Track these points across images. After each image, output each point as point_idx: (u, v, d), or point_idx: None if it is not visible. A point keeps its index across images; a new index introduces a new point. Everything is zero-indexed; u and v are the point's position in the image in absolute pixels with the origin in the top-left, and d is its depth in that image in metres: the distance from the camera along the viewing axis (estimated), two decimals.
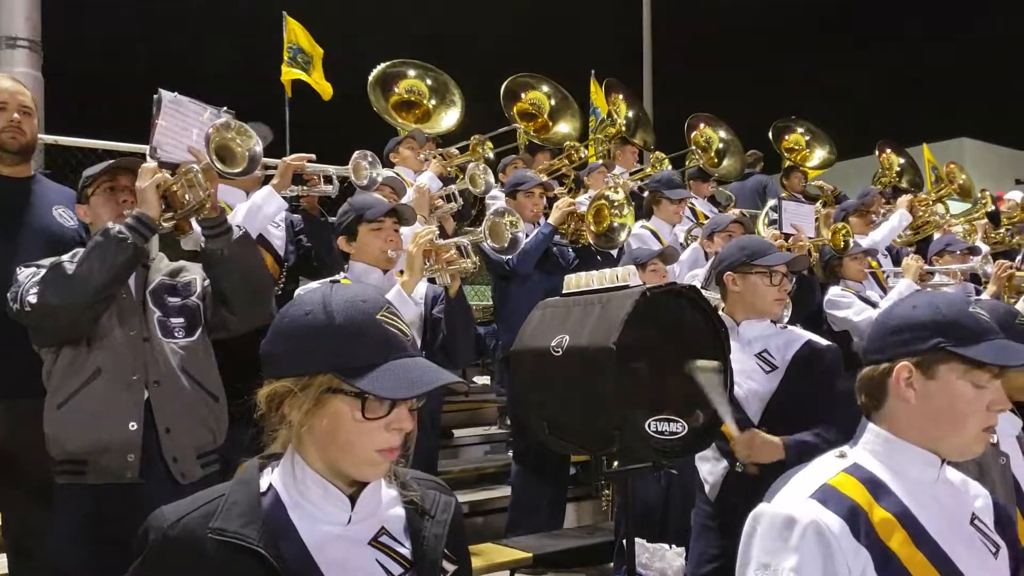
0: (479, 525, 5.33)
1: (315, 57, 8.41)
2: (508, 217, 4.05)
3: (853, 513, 1.61)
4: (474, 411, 6.85)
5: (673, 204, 6.08)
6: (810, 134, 9.41)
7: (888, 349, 1.75)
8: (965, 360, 1.69)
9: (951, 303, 1.78)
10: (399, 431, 1.47)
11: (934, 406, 1.70)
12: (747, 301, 3.30)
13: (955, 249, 6.08)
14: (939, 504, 1.70)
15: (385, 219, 3.69)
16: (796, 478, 1.72)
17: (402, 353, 1.47)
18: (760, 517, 1.67)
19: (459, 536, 1.65)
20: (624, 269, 3.16)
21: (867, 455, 1.74)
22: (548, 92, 7.54)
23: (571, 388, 2.98)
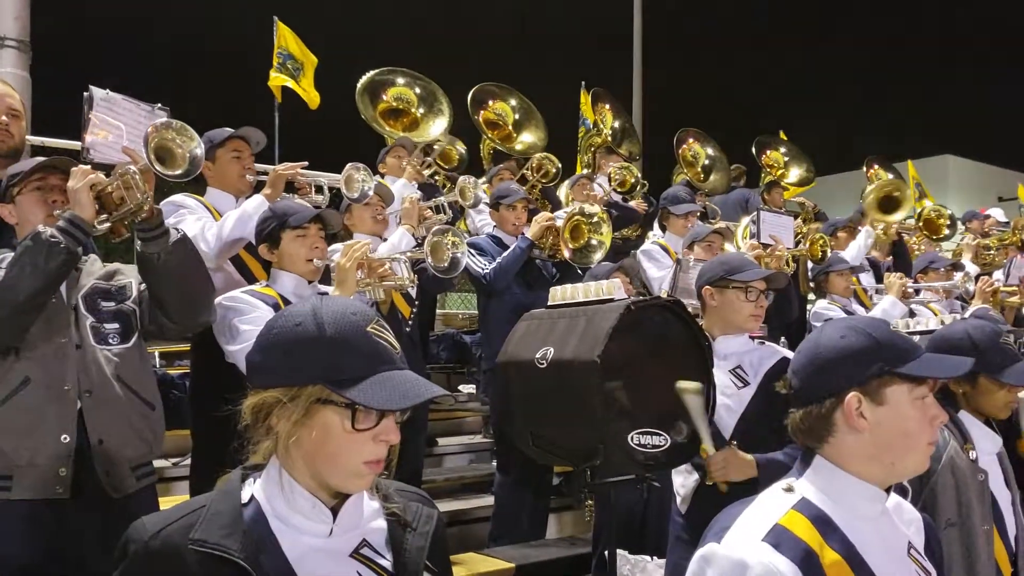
0: (461, 534, 5.31)
1: (307, 65, 8.42)
2: (451, 237, 3.98)
3: (806, 558, 1.57)
4: (458, 420, 6.84)
5: (680, 219, 6.22)
6: (790, 154, 9.51)
7: (829, 384, 1.70)
8: (909, 379, 1.69)
9: (876, 325, 1.77)
10: (385, 443, 1.48)
11: (887, 431, 1.67)
12: (724, 316, 3.32)
13: (939, 266, 6.15)
14: (882, 539, 1.69)
15: (310, 225, 3.54)
16: (745, 515, 1.67)
17: (391, 365, 1.48)
18: (708, 559, 1.63)
19: (441, 548, 1.65)
20: (610, 282, 3.17)
21: (813, 489, 1.70)
22: (513, 103, 7.53)
23: (555, 400, 2.98)
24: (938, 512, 2.56)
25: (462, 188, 5.03)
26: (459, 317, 8.06)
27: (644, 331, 3.04)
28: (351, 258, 3.52)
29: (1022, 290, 5.80)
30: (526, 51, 23.84)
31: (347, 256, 3.53)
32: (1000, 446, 2.76)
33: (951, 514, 2.56)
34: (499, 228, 5.39)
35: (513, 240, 5.24)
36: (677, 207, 6.22)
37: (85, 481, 2.71)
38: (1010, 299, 5.70)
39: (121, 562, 1.46)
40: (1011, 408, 2.71)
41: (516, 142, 7.43)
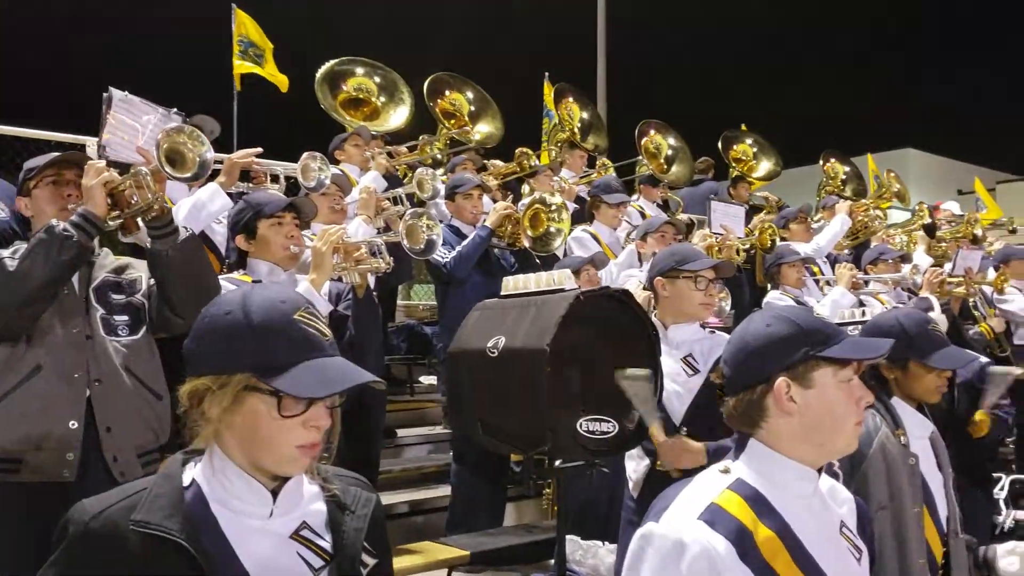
0: (420, 524, 5.36)
1: (266, 51, 8.37)
2: (426, 220, 4.04)
3: (739, 534, 1.62)
4: (418, 411, 6.87)
5: (612, 208, 6.24)
6: (758, 145, 9.60)
7: (759, 370, 1.76)
8: (834, 362, 1.75)
9: (799, 312, 1.84)
10: (317, 428, 1.51)
11: (815, 413, 1.73)
12: (675, 305, 3.39)
13: (888, 258, 6.29)
14: (814, 517, 1.75)
15: (285, 213, 3.62)
16: (683, 495, 1.72)
17: (320, 353, 1.51)
18: (648, 538, 1.67)
19: (379, 531, 1.69)
20: (560, 272, 3.23)
21: (748, 470, 1.75)
22: (469, 93, 7.55)
23: (505, 388, 3.03)
24: (870, 495, 2.62)
25: (420, 180, 5.05)
26: (419, 308, 8.07)
27: (593, 320, 3.10)
28: (327, 242, 3.58)
29: (967, 280, 5.96)
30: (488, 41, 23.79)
31: (323, 240, 3.59)
32: (930, 431, 2.85)
33: (883, 497, 2.64)
34: (456, 218, 5.42)
35: (471, 229, 5.28)
36: (610, 196, 6.24)
37: (92, 466, 2.81)
38: (956, 290, 5.86)
39: (60, 543, 1.48)
40: (941, 392, 2.80)
41: (474, 132, 7.45)
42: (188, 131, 3.41)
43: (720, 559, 1.59)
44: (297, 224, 3.66)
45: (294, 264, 3.65)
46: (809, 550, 1.69)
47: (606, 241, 6.13)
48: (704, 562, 1.59)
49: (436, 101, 7.44)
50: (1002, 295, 6.51)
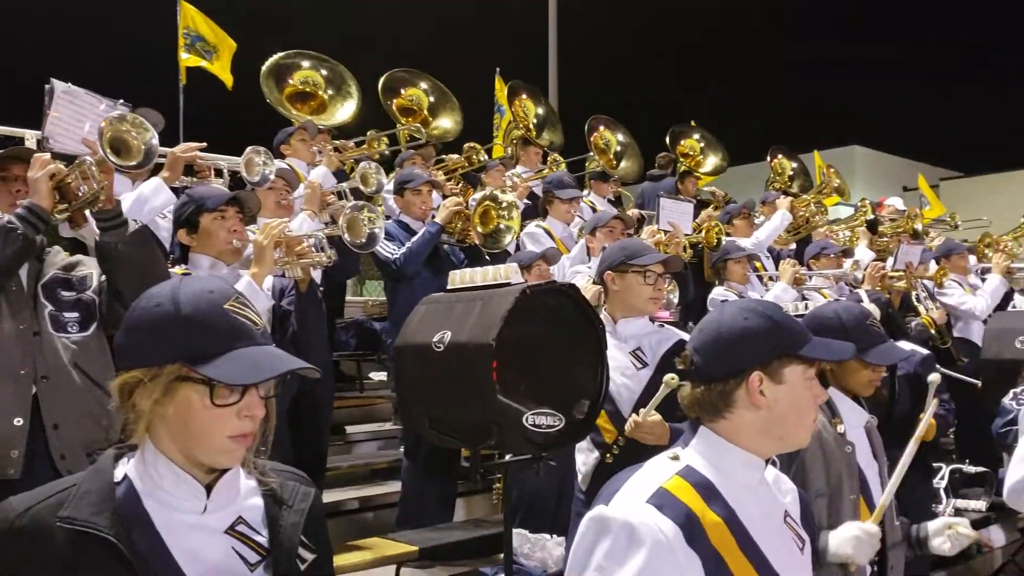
0: (369, 520, 5.34)
1: (224, 49, 8.26)
2: (367, 212, 4.01)
3: (688, 519, 1.64)
4: (368, 407, 6.84)
5: (564, 204, 6.28)
6: (705, 141, 9.71)
7: (733, 362, 1.77)
8: (804, 360, 1.79)
9: (774, 308, 1.87)
10: (251, 418, 1.51)
11: (782, 408, 1.77)
12: (624, 299, 3.42)
13: (830, 252, 6.42)
14: (760, 506, 1.78)
15: (228, 207, 3.59)
16: (632, 480, 1.75)
17: (251, 342, 1.51)
18: (597, 520, 1.68)
19: (318, 525, 1.68)
20: (507, 266, 3.24)
21: (698, 457, 1.78)
22: (426, 88, 7.52)
23: (451, 383, 3.04)
24: (808, 483, 2.68)
25: (363, 174, 5.02)
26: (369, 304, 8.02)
27: (540, 314, 3.11)
28: (268, 236, 3.55)
29: (907, 275, 6.11)
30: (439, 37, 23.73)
31: (264, 234, 3.56)
32: (867, 420, 2.91)
33: (820, 485, 2.70)
34: (405, 213, 5.39)
35: (420, 225, 5.25)
36: (562, 192, 6.28)
37: (38, 464, 2.78)
38: (897, 283, 6.01)
39: None
40: (875, 386, 2.86)
41: (432, 127, 7.43)
42: (131, 119, 3.39)
43: (668, 543, 1.61)
44: (240, 218, 3.63)
45: (237, 258, 3.62)
46: (755, 538, 1.72)
47: (559, 236, 6.18)
48: (650, 543, 1.60)
49: (392, 99, 7.40)
50: (942, 289, 6.68)
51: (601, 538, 1.66)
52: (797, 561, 1.83)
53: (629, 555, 1.61)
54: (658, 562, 1.60)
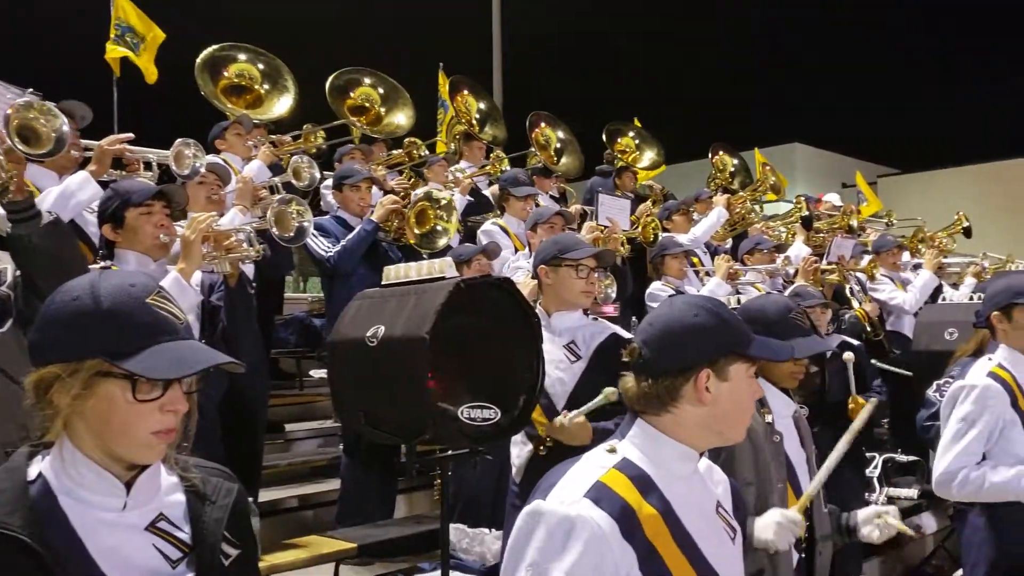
0: (309, 518, 5.30)
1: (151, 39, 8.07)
2: (295, 206, 3.97)
3: (624, 512, 1.66)
4: (308, 405, 6.78)
5: (520, 201, 6.30)
6: (640, 137, 9.80)
7: (683, 358, 1.78)
8: (747, 358, 1.82)
9: (722, 306, 1.89)
10: (174, 413, 1.49)
11: (726, 404, 1.79)
12: (558, 293, 3.44)
13: (763, 248, 6.54)
14: (694, 497, 1.81)
15: (154, 202, 3.51)
16: (569, 474, 1.75)
17: (173, 336, 1.49)
18: (535, 515, 1.69)
19: (242, 521, 1.67)
20: (442, 261, 3.24)
21: (635, 450, 1.79)
22: (373, 83, 7.46)
23: (385, 378, 3.03)
24: (736, 473, 2.71)
25: (296, 169, 4.95)
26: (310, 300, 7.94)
27: (474, 308, 3.12)
28: (195, 230, 3.49)
29: (840, 268, 6.26)
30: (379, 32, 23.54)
31: (191, 228, 3.50)
32: (795, 409, 2.97)
33: (748, 474, 2.73)
34: (343, 209, 5.34)
35: (358, 221, 5.21)
36: (517, 189, 6.31)
37: None
38: (830, 277, 6.15)
39: None
40: (796, 378, 2.92)
41: (385, 123, 7.38)
42: (39, 106, 3.32)
43: (604, 536, 1.62)
44: (168, 213, 3.56)
45: (165, 254, 3.56)
46: (688, 529, 1.74)
47: (515, 233, 6.19)
48: (587, 537, 1.61)
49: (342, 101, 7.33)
50: (873, 283, 6.85)
51: (538, 532, 1.66)
52: (729, 551, 1.86)
53: (566, 549, 1.62)
54: (595, 556, 1.61)
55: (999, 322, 3.48)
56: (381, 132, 7.30)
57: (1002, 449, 3.34)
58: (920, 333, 5.99)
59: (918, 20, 33.70)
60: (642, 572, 1.65)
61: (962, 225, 9.05)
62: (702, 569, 1.75)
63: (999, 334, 3.50)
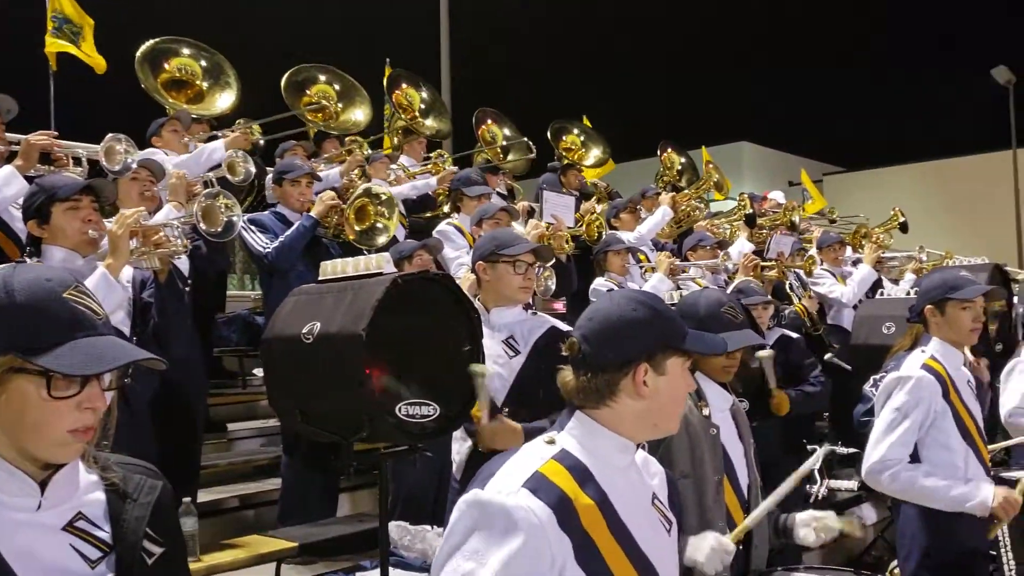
0: (250, 518, 5.23)
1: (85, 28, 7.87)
2: (223, 200, 3.91)
3: (561, 502, 1.66)
4: (251, 404, 6.68)
5: (473, 200, 6.28)
6: (585, 135, 9.85)
7: (622, 352, 1.80)
8: (683, 352, 1.84)
9: (659, 301, 1.91)
10: (92, 410, 1.45)
11: (663, 398, 1.81)
12: (496, 289, 3.43)
13: (706, 244, 6.63)
14: (630, 489, 1.82)
15: (82, 196, 3.44)
16: (508, 464, 1.75)
17: (91, 331, 1.45)
18: (472, 504, 1.69)
19: (166, 518, 1.64)
20: (379, 256, 3.21)
21: (573, 441, 1.80)
22: (328, 79, 7.40)
23: (322, 375, 2.99)
24: (674, 465, 2.75)
25: (230, 163, 4.87)
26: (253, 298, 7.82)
27: (414, 304, 3.09)
28: (122, 225, 3.42)
29: (778, 264, 6.37)
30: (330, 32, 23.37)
31: (118, 224, 3.43)
32: (730, 403, 3.00)
33: (685, 466, 2.77)
34: (282, 204, 5.28)
35: (297, 217, 5.15)
36: (471, 189, 6.30)
37: None
38: (768, 273, 6.26)
39: None
40: (729, 372, 2.95)
41: (343, 120, 7.30)
42: None
43: (541, 526, 1.62)
44: (95, 208, 3.48)
45: (93, 249, 3.48)
46: (624, 520, 1.76)
47: (470, 232, 6.13)
48: (524, 527, 1.61)
49: (299, 99, 7.24)
50: (813, 278, 6.98)
51: (475, 521, 1.66)
52: (664, 542, 1.87)
53: (504, 539, 1.62)
54: (532, 545, 1.61)
55: (932, 316, 3.56)
56: (338, 129, 7.23)
57: (933, 439, 3.42)
58: (859, 327, 6.11)
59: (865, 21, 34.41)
60: (578, 561, 1.66)
61: (898, 220, 9.25)
62: (637, 559, 1.76)
63: (932, 327, 3.58)
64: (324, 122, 7.31)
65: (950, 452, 3.40)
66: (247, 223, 4.85)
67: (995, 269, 6.64)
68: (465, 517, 1.68)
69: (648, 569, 1.77)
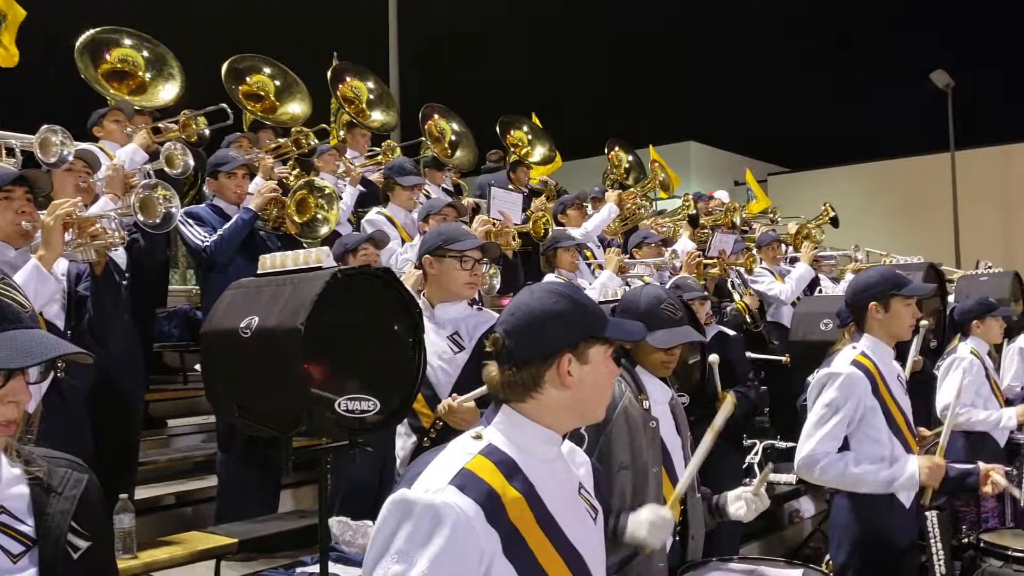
0: (188, 515, 5.16)
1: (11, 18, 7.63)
2: (161, 191, 3.84)
3: (489, 497, 1.67)
4: (192, 400, 6.57)
5: (406, 191, 6.22)
6: (532, 132, 9.88)
7: (545, 345, 1.81)
8: (605, 341, 1.86)
9: (578, 291, 1.93)
10: (15, 404, 1.44)
11: (588, 386, 1.83)
12: (442, 284, 3.41)
13: (651, 242, 6.72)
14: (556, 480, 1.84)
15: (14, 187, 3.36)
16: (436, 461, 1.75)
17: (16, 324, 1.44)
18: (400, 503, 1.68)
19: (92, 511, 1.63)
20: (319, 250, 3.19)
21: (500, 435, 1.81)
22: (272, 73, 7.31)
23: (260, 369, 2.97)
24: (613, 456, 2.79)
25: (168, 155, 4.77)
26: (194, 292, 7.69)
27: (356, 299, 3.09)
28: (56, 216, 3.33)
29: (720, 262, 6.48)
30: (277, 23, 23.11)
31: (52, 215, 3.34)
32: (670, 397, 3.05)
33: (624, 458, 2.81)
34: (219, 197, 5.19)
35: (234, 210, 5.08)
36: (404, 179, 6.25)
37: None
38: (710, 271, 6.37)
39: None
40: (668, 367, 3.00)
41: (281, 112, 7.21)
42: None
43: (469, 522, 1.63)
44: (29, 199, 3.39)
45: (26, 242, 3.39)
46: (551, 511, 1.77)
47: (401, 223, 6.12)
48: (452, 524, 1.62)
49: (237, 86, 7.12)
50: (752, 276, 7.11)
51: (403, 521, 1.65)
52: (590, 531, 1.90)
53: (431, 537, 1.61)
54: (460, 542, 1.61)
55: (876, 311, 3.59)
56: (276, 121, 7.13)
57: (864, 434, 3.50)
58: (797, 324, 6.25)
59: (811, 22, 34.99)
60: (506, 555, 1.67)
61: (829, 216, 9.46)
62: (564, 549, 1.78)
63: (872, 323, 3.62)
64: (262, 113, 7.19)
65: (879, 446, 3.48)
66: (184, 216, 4.77)
67: (930, 268, 6.83)
68: (391, 517, 1.67)
69: (575, 558, 1.79)
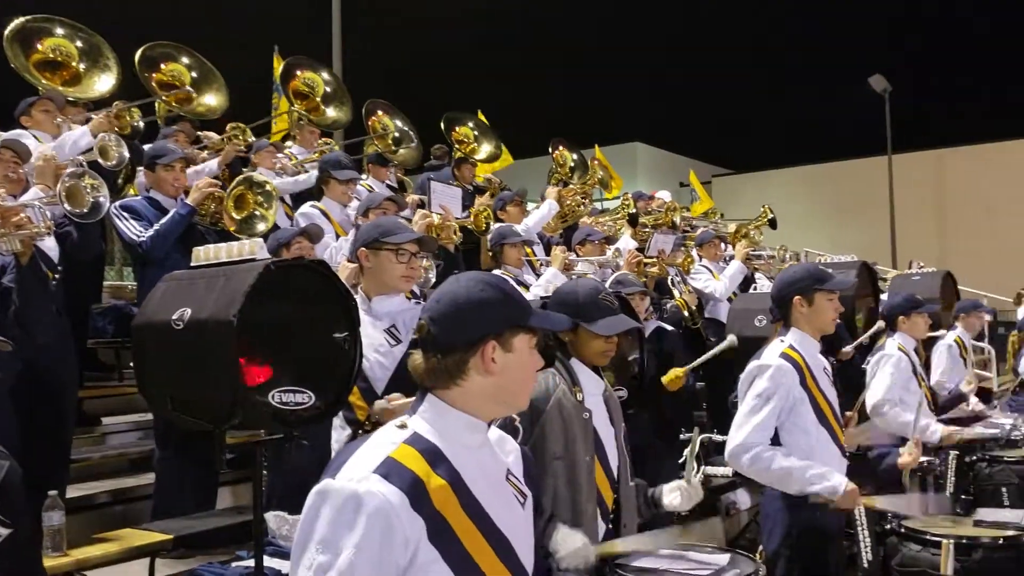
0: (123, 513, 5.07)
1: None
2: (89, 180, 3.77)
3: (413, 485, 1.68)
4: (128, 397, 6.45)
5: (341, 184, 6.17)
6: (478, 129, 9.90)
7: (470, 332, 1.82)
8: (529, 330, 1.89)
9: (504, 281, 1.95)
10: None
11: (512, 374, 1.85)
12: (378, 277, 3.40)
13: (594, 239, 6.80)
14: (483, 466, 1.86)
15: None
16: (360, 451, 1.76)
17: None
18: (324, 494, 1.68)
19: (13, 499, 1.62)
20: (252, 242, 3.17)
21: (425, 424, 1.82)
22: (189, 63, 7.16)
23: (193, 362, 2.95)
24: (547, 446, 2.85)
25: (102, 147, 4.68)
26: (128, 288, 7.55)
27: (290, 291, 3.07)
28: None
29: (659, 261, 6.60)
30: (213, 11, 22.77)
31: None
32: (603, 389, 3.10)
33: (558, 448, 2.86)
34: (156, 190, 5.11)
35: (171, 203, 5.01)
36: (340, 172, 6.19)
37: None
38: (650, 270, 6.47)
39: None
40: (607, 356, 3.05)
41: (196, 104, 7.07)
42: None
43: (394, 510, 1.64)
44: None
45: None
46: (477, 497, 1.79)
47: (336, 218, 6.06)
48: (375, 512, 1.62)
49: (151, 73, 6.97)
50: (689, 274, 7.26)
51: (327, 511, 1.65)
52: (518, 516, 1.92)
53: (355, 524, 1.62)
54: (383, 531, 1.63)
55: (800, 305, 3.69)
56: (191, 113, 7.00)
57: (793, 424, 3.59)
58: (733, 320, 6.37)
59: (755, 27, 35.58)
60: (431, 542, 1.68)
61: (767, 217, 9.66)
62: (490, 534, 1.80)
63: (797, 316, 3.72)
64: (178, 104, 7.04)
65: (807, 436, 3.57)
66: (119, 209, 4.69)
67: (863, 267, 7.03)
68: (315, 507, 1.67)
69: (502, 542, 1.82)
